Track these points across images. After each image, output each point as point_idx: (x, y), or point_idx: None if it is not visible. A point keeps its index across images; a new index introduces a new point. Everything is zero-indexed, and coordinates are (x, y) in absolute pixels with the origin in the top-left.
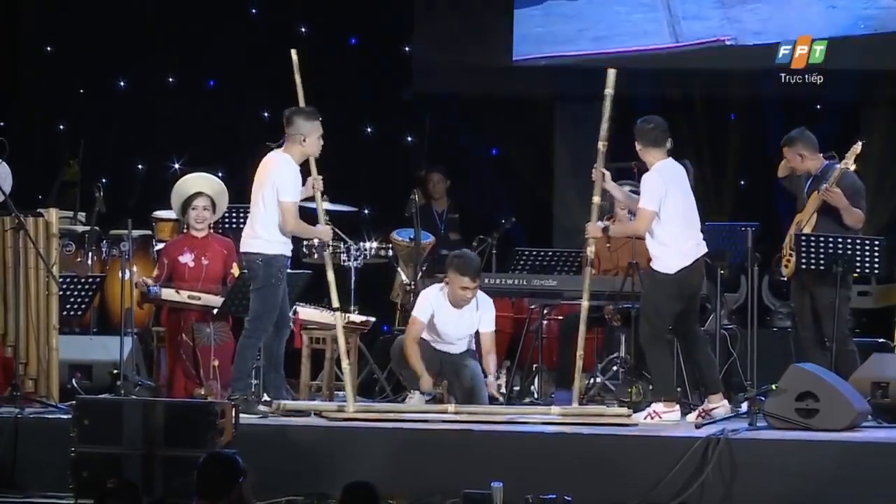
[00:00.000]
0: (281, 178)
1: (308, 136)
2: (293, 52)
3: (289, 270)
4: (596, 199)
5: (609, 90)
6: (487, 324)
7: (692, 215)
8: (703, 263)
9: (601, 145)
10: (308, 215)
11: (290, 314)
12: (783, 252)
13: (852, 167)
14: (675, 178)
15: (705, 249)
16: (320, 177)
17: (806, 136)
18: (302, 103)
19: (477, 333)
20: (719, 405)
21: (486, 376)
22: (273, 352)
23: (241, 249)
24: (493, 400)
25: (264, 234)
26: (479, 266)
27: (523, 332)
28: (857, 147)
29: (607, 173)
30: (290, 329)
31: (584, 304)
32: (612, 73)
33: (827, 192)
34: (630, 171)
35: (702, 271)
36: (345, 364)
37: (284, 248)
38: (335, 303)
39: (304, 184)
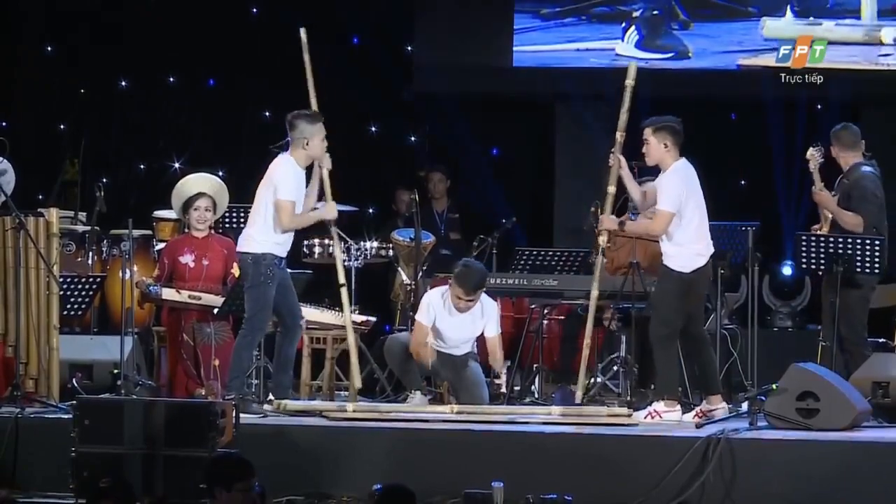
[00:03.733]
0: (279, 178)
1: (311, 140)
2: (302, 31)
3: (288, 270)
4: (611, 188)
5: (630, 81)
6: (491, 329)
7: (704, 216)
8: (711, 265)
9: (619, 135)
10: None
11: None
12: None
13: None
14: (692, 178)
15: (713, 249)
16: (328, 155)
17: (840, 133)
18: (311, 84)
19: (482, 338)
20: (718, 406)
21: (497, 376)
22: (282, 353)
23: (237, 250)
24: (496, 398)
25: (256, 235)
26: (480, 281)
27: (524, 332)
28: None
29: (623, 160)
30: (301, 328)
31: (594, 293)
32: (633, 66)
33: (814, 193)
34: (631, 170)
35: (710, 272)
36: (353, 358)
37: (275, 247)
38: (341, 279)
39: (308, 184)
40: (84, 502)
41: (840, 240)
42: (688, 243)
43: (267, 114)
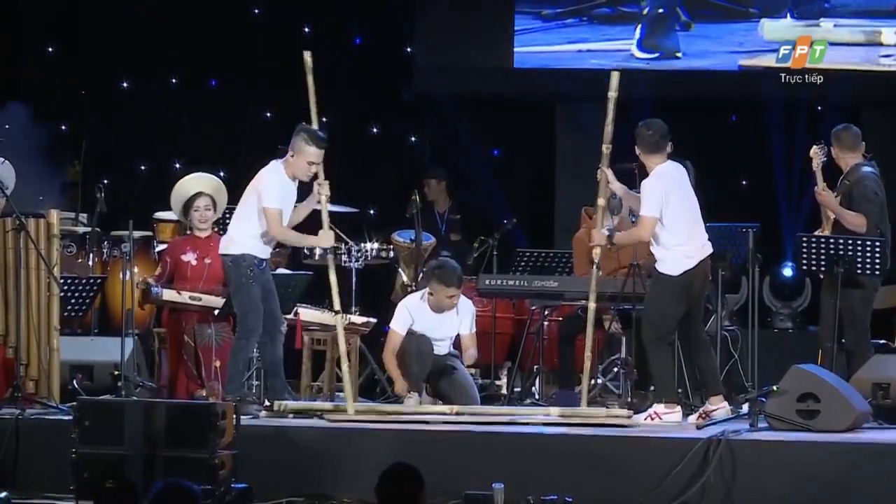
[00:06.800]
0: (264, 185)
1: (297, 156)
2: (306, 55)
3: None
4: (601, 201)
5: (612, 93)
6: (467, 327)
7: (695, 217)
8: (708, 265)
9: (605, 148)
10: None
11: (292, 315)
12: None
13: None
14: (675, 181)
15: (710, 250)
16: (326, 182)
17: (841, 133)
18: (313, 107)
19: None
20: (720, 407)
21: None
22: (269, 358)
23: (218, 253)
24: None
25: (236, 236)
26: (461, 274)
27: (524, 334)
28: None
29: (610, 172)
30: (283, 333)
31: (591, 305)
32: (615, 76)
33: (816, 193)
34: (630, 171)
35: (707, 273)
36: (345, 367)
37: (254, 248)
38: (336, 306)
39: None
40: None
41: (840, 241)
42: (673, 246)
43: (267, 114)
